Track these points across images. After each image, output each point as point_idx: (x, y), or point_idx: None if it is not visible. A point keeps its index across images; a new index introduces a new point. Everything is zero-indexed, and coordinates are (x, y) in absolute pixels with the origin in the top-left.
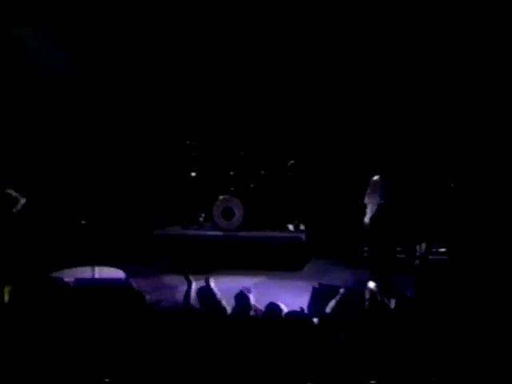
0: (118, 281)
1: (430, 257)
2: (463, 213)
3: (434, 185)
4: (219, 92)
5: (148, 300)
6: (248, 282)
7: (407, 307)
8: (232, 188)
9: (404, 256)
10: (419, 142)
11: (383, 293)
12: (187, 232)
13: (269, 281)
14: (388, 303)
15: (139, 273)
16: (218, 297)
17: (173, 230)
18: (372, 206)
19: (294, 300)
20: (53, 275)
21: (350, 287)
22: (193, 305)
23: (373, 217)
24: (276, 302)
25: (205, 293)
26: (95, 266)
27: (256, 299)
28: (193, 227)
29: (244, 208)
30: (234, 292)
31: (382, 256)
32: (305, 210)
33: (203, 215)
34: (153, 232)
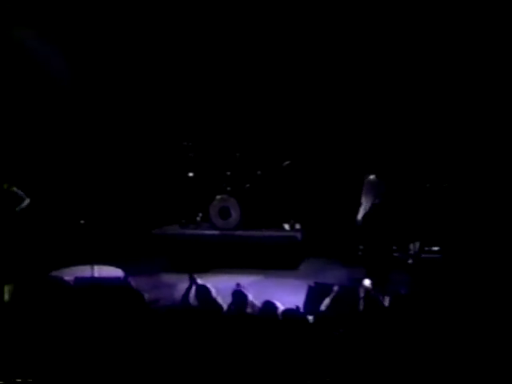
0: (117, 279)
1: (423, 255)
2: (456, 212)
3: (427, 185)
4: (216, 94)
5: (147, 298)
6: (244, 281)
7: (401, 305)
8: (229, 188)
9: (398, 254)
10: (412, 142)
11: (378, 291)
12: (185, 231)
13: (265, 279)
14: (382, 301)
15: (138, 271)
16: (214, 295)
17: (171, 230)
18: (366, 205)
19: (290, 298)
20: (53, 274)
21: (345, 285)
22: (191, 303)
23: (365, 215)
24: (272, 300)
25: (202, 291)
26: (94, 265)
27: (253, 297)
28: (190, 226)
29: (240, 208)
30: (231, 290)
31: (377, 254)
32: (300, 210)
33: (200, 215)
34: (151, 231)
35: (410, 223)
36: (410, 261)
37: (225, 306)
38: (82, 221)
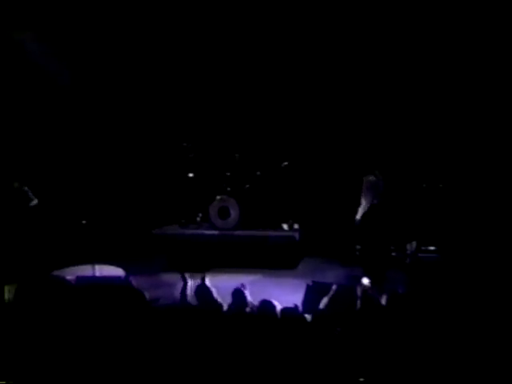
0: (118, 279)
1: (420, 255)
2: (452, 212)
3: (424, 185)
4: (215, 96)
5: (147, 297)
6: (244, 280)
7: (398, 303)
8: (228, 188)
9: (395, 254)
10: (408, 144)
11: (375, 290)
12: (185, 231)
13: (264, 279)
14: (379, 300)
15: (138, 271)
16: (215, 294)
17: (171, 230)
18: (365, 205)
19: (289, 297)
20: (54, 273)
21: (343, 284)
22: (189, 302)
23: (364, 215)
24: (269, 299)
25: (202, 290)
26: (96, 265)
27: (252, 296)
28: (190, 226)
29: (240, 208)
30: (230, 289)
31: (375, 253)
32: (298, 210)
33: (200, 215)
34: (152, 231)
35: (407, 223)
36: (407, 260)
37: (225, 306)
38: (84, 221)
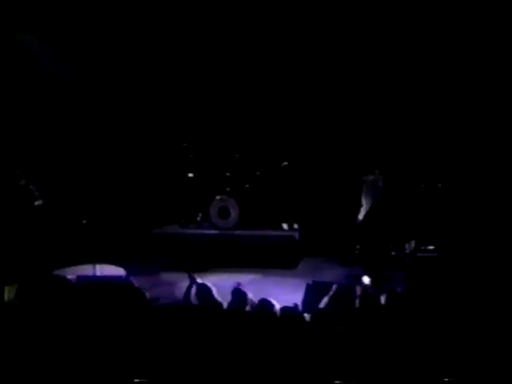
0: (119, 278)
1: (419, 254)
2: (450, 212)
3: (422, 185)
4: (215, 96)
5: (148, 296)
6: (244, 279)
7: (397, 303)
8: (228, 188)
9: (394, 254)
10: (407, 143)
11: (374, 289)
12: (185, 231)
13: (264, 278)
14: (379, 299)
15: (139, 270)
16: (215, 293)
17: (171, 229)
18: (366, 205)
19: (289, 297)
20: (55, 273)
21: (343, 284)
22: (192, 301)
23: (366, 215)
24: (268, 298)
25: (202, 289)
26: (96, 264)
27: (252, 295)
28: (190, 226)
29: (239, 207)
30: (230, 288)
31: (377, 253)
32: (298, 210)
33: (200, 214)
34: (152, 231)
35: (406, 222)
36: (406, 259)
37: (225, 305)
38: (84, 220)
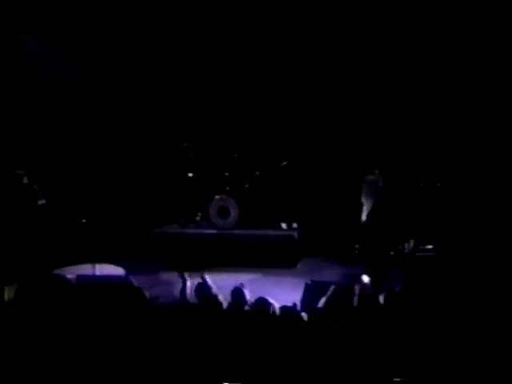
0: (118, 277)
1: (418, 254)
2: (450, 211)
3: (421, 184)
4: (215, 96)
5: (147, 296)
6: (243, 279)
7: (396, 302)
8: (227, 188)
9: (393, 253)
10: (406, 143)
11: (374, 288)
12: (185, 230)
13: (263, 277)
14: (377, 298)
15: (139, 270)
16: (214, 292)
17: (171, 229)
18: (368, 205)
19: (288, 296)
20: (55, 272)
21: (341, 283)
22: (189, 300)
23: (369, 215)
24: (265, 297)
25: (202, 289)
26: (96, 264)
27: (251, 295)
28: (190, 226)
29: (239, 207)
30: (230, 288)
31: (378, 253)
32: (297, 209)
33: (200, 214)
34: (152, 230)
35: (405, 222)
36: (405, 259)
37: (225, 304)
38: (84, 220)
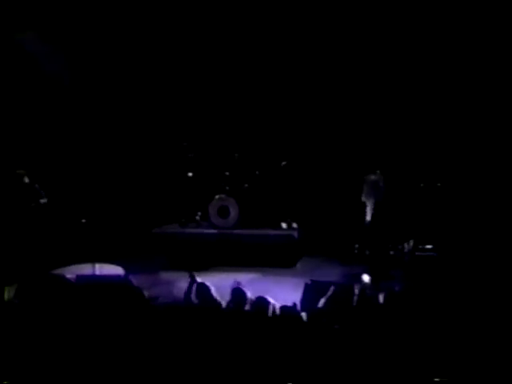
0: (118, 277)
1: (418, 253)
2: (449, 211)
3: (421, 184)
4: (215, 95)
5: (146, 295)
6: (243, 278)
7: (396, 302)
8: (227, 187)
9: (393, 253)
10: (406, 143)
11: (373, 288)
12: (184, 230)
13: (263, 277)
14: (377, 298)
15: (138, 269)
16: (214, 292)
17: (171, 228)
18: (371, 205)
19: (287, 296)
20: (55, 272)
21: (341, 283)
22: (193, 301)
23: (373, 215)
24: (264, 296)
25: (201, 288)
26: (96, 263)
27: (251, 294)
28: (190, 225)
29: (239, 207)
30: (230, 288)
31: (381, 252)
32: (297, 209)
33: (200, 214)
34: (151, 230)
35: (405, 222)
36: (405, 259)
37: (224, 304)
38: (84, 220)
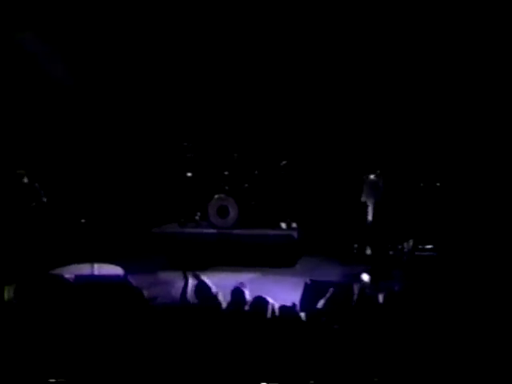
0: (117, 277)
1: (417, 253)
2: (449, 211)
3: (421, 184)
4: (214, 95)
5: (146, 295)
6: (242, 278)
7: (395, 302)
8: (227, 187)
9: (392, 252)
10: (406, 143)
11: (373, 287)
12: (184, 230)
13: (262, 277)
14: (377, 297)
15: (137, 269)
16: (214, 292)
17: (170, 228)
18: (372, 205)
19: (287, 295)
20: (54, 272)
21: (341, 283)
22: (189, 300)
23: (374, 215)
24: (263, 296)
25: (201, 288)
26: (95, 263)
27: (250, 294)
28: (189, 225)
29: (238, 207)
30: (229, 287)
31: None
32: (297, 209)
33: (199, 214)
34: (151, 230)
35: (405, 221)
36: (404, 258)
37: (224, 304)
38: (83, 220)
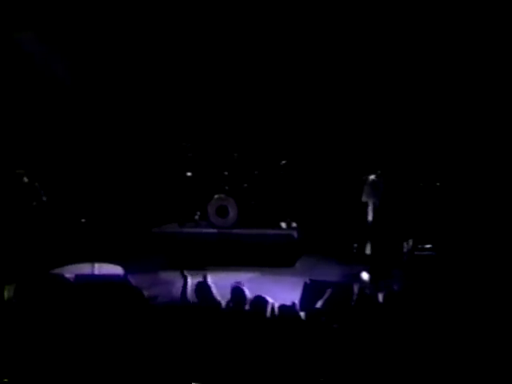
0: (117, 277)
1: (417, 253)
2: (449, 211)
3: (421, 184)
4: (214, 95)
5: (146, 295)
6: (242, 278)
7: (395, 301)
8: (226, 187)
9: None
10: (406, 143)
11: (372, 287)
12: (183, 230)
13: (262, 276)
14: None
15: (137, 269)
16: (214, 291)
17: (170, 228)
18: (372, 205)
19: (287, 295)
20: (54, 272)
21: (340, 282)
22: (189, 299)
23: (375, 215)
24: (263, 295)
25: (201, 288)
26: (95, 263)
27: (250, 294)
28: (189, 225)
29: (238, 206)
30: (229, 287)
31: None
32: (297, 208)
33: (199, 213)
34: (150, 230)
35: (404, 221)
36: (404, 258)
37: (223, 303)
38: (83, 219)
